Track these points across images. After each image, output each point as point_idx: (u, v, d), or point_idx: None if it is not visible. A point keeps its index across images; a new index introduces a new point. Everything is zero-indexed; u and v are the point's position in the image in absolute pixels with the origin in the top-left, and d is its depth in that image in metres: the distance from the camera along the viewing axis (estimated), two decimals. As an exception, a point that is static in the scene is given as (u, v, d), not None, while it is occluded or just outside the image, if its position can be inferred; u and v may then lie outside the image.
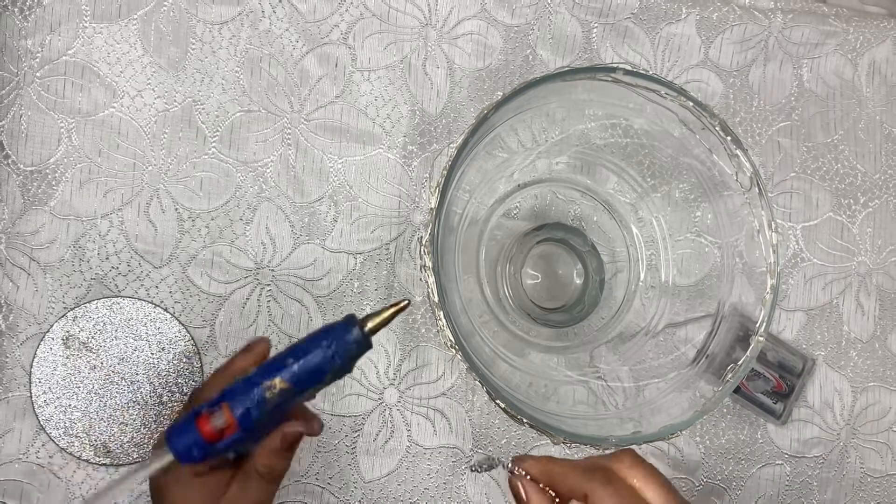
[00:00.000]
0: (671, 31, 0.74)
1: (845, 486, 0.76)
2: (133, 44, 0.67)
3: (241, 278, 0.68)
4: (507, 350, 0.66)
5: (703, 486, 0.74)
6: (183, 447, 0.48)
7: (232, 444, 0.49)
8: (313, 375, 0.48)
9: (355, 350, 0.49)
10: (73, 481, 0.66)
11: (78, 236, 0.66)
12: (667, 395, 0.62)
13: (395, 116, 0.70)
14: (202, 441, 0.48)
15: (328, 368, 0.48)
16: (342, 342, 0.48)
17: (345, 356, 0.49)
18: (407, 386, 0.70)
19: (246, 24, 0.68)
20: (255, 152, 0.68)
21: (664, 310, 0.67)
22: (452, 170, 0.54)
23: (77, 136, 0.66)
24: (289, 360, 0.48)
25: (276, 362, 0.49)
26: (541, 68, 0.72)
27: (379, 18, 0.70)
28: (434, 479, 0.70)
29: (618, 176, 0.69)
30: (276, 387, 0.48)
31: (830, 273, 0.76)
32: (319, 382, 0.49)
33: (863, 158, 0.77)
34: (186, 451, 0.48)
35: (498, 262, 0.71)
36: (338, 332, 0.49)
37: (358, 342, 0.49)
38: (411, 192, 0.70)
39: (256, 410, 0.48)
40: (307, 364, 0.48)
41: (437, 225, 0.53)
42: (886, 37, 0.77)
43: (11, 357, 0.65)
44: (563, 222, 0.72)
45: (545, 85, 0.55)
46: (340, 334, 0.49)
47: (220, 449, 0.49)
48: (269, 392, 0.48)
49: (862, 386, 0.76)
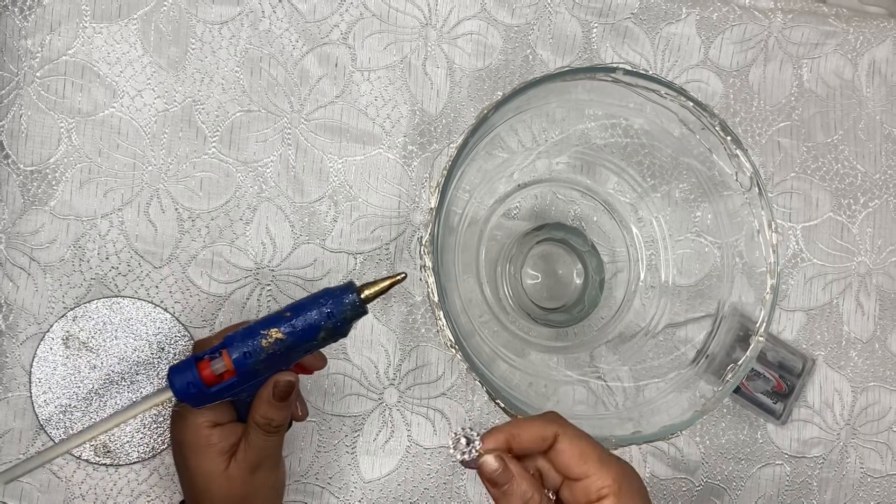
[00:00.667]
0: (671, 31, 0.74)
1: (845, 486, 0.76)
2: (133, 44, 0.67)
3: (241, 278, 0.68)
4: (507, 350, 0.66)
5: (703, 486, 0.74)
6: (181, 384, 0.52)
7: (227, 387, 0.53)
8: (308, 330, 0.52)
9: (350, 313, 0.53)
10: (73, 481, 0.66)
11: (78, 236, 0.66)
12: (667, 395, 0.62)
13: (395, 116, 0.70)
14: (199, 381, 0.52)
15: (322, 325, 0.52)
16: (339, 303, 0.52)
17: (339, 317, 0.52)
18: (407, 386, 0.70)
19: (246, 24, 0.68)
20: (255, 152, 0.68)
21: (664, 310, 0.67)
22: (452, 170, 0.54)
23: (77, 136, 0.66)
24: (287, 314, 0.52)
25: (275, 316, 0.53)
26: (541, 68, 0.72)
27: (379, 18, 0.70)
28: (434, 479, 0.70)
29: (618, 176, 0.69)
30: (272, 336, 0.52)
31: (830, 273, 0.76)
32: (313, 340, 0.53)
33: (863, 158, 0.77)
34: (184, 388, 0.52)
35: (498, 262, 0.71)
36: (336, 294, 0.53)
37: (353, 305, 0.53)
38: (411, 192, 0.70)
39: (251, 356, 0.52)
40: (304, 319, 0.52)
41: (436, 225, 0.53)
42: (886, 37, 0.77)
43: (11, 357, 0.65)
44: (563, 222, 0.72)
45: (545, 85, 0.55)
46: (338, 296, 0.53)
47: (216, 392, 0.53)
48: (265, 340, 0.52)
49: (862, 386, 0.76)
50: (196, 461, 0.56)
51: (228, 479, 0.55)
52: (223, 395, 0.53)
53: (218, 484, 0.55)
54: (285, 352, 0.53)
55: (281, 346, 0.52)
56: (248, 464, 0.56)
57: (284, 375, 0.54)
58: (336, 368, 0.69)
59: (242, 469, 0.56)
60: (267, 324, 0.52)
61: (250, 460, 0.56)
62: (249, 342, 0.52)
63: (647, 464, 0.73)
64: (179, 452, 0.57)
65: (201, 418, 0.55)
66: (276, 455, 0.58)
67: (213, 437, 0.55)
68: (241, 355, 0.52)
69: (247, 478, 0.56)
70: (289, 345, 0.52)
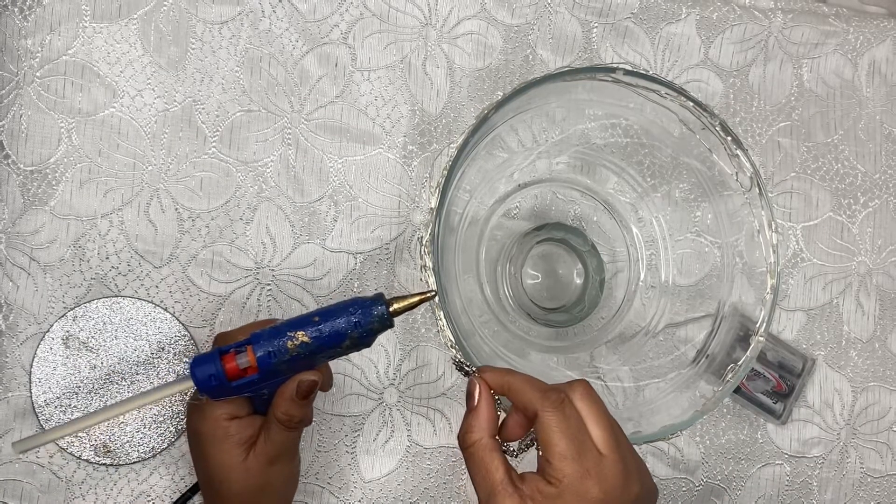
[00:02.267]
0: (671, 31, 0.74)
1: (845, 486, 0.76)
2: (133, 43, 0.67)
3: (241, 278, 0.68)
4: (507, 350, 0.66)
5: (703, 486, 0.74)
6: (203, 376, 0.52)
7: (248, 384, 0.53)
8: (334, 337, 0.52)
9: (377, 324, 0.53)
10: (73, 481, 0.65)
11: (78, 236, 0.66)
12: (667, 395, 0.62)
13: (395, 116, 0.70)
14: (222, 374, 0.52)
15: (348, 334, 0.52)
16: (367, 314, 0.52)
17: (366, 327, 0.52)
18: (407, 386, 0.70)
19: (246, 24, 0.68)
20: (255, 152, 0.68)
21: (664, 310, 0.67)
22: (453, 169, 0.54)
23: (77, 136, 0.66)
24: (315, 318, 0.52)
25: (303, 318, 0.53)
26: (541, 68, 0.72)
27: (379, 18, 0.70)
28: (434, 479, 0.70)
29: (618, 176, 0.69)
30: (298, 339, 0.52)
31: (830, 273, 0.76)
32: (338, 346, 0.53)
33: (863, 158, 0.77)
34: (206, 379, 0.52)
35: (498, 262, 0.71)
36: (366, 305, 0.53)
37: (381, 318, 0.53)
38: (411, 192, 0.70)
39: (275, 356, 0.52)
40: (331, 325, 0.52)
41: (437, 225, 0.53)
42: (886, 37, 0.77)
43: (11, 357, 0.65)
44: (564, 222, 0.72)
45: (546, 85, 0.55)
46: (368, 307, 0.53)
47: (236, 387, 0.53)
48: (290, 342, 0.52)
49: (862, 386, 0.76)
50: (214, 452, 0.56)
51: (246, 471, 0.56)
52: (242, 390, 0.54)
53: (236, 474, 0.56)
54: (309, 355, 0.53)
55: (305, 350, 0.52)
56: (266, 457, 0.56)
57: (308, 375, 0.54)
58: (336, 368, 0.69)
59: (261, 461, 0.56)
60: (294, 325, 0.52)
61: (269, 453, 0.56)
62: (275, 342, 0.52)
63: (647, 464, 0.73)
64: (197, 443, 0.57)
65: (219, 410, 0.56)
66: (293, 448, 0.59)
67: (231, 429, 0.56)
68: (266, 354, 0.52)
69: (264, 469, 0.56)
70: (313, 349, 0.52)
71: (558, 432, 0.47)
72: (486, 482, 0.48)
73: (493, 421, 0.50)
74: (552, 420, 0.48)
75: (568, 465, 0.47)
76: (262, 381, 0.53)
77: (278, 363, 0.52)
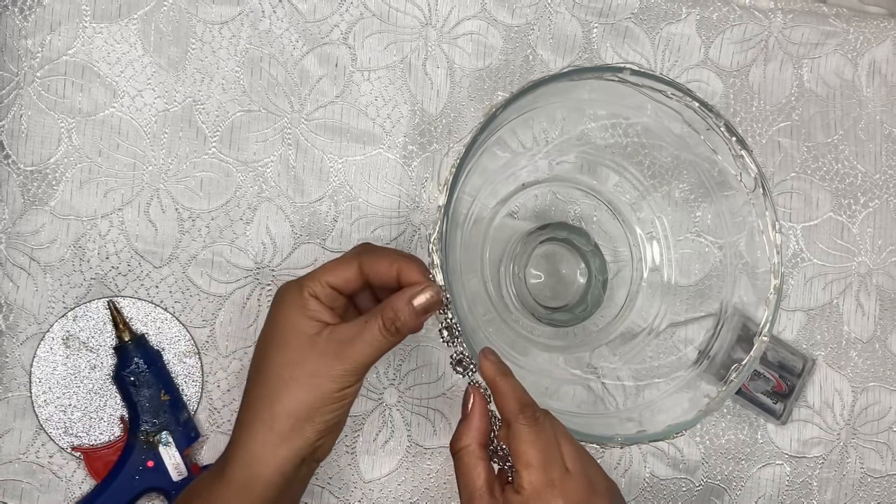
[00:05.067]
0: (671, 31, 0.74)
1: (845, 486, 0.76)
2: (133, 44, 0.67)
3: (241, 278, 0.68)
4: (510, 348, 0.67)
5: (703, 486, 0.74)
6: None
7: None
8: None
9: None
10: (73, 481, 0.65)
11: (78, 236, 0.66)
12: (668, 395, 0.62)
13: (395, 116, 0.70)
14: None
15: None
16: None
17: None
18: (407, 386, 0.70)
19: (246, 24, 0.68)
20: (255, 152, 0.68)
21: (666, 310, 0.67)
22: (461, 166, 0.53)
23: (77, 136, 0.66)
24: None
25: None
26: (541, 68, 0.72)
27: (379, 18, 0.70)
28: (434, 479, 0.70)
29: (619, 175, 0.69)
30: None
31: (830, 273, 0.76)
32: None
33: (863, 158, 0.77)
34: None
35: (501, 262, 0.71)
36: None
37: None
38: (411, 192, 0.70)
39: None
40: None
41: (445, 222, 0.52)
42: (886, 37, 0.77)
43: (11, 357, 0.65)
44: (567, 222, 0.72)
45: (554, 84, 0.55)
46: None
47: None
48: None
49: (862, 386, 0.76)
50: (284, 311, 0.54)
51: (312, 344, 0.53)
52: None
53: (297, 341, 0.53)
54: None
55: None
56: (337, 343, 0.53)
57: (436, 292, 0.52)
58: (337, 369, 0.68)
59: (330, 345, 0.53)
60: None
61: (341, 340, 0.53)
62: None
63: (647, 464, 0.73)
64: (271, 313, 0.55)
65: (315, 288, 0.54)
66: (363, 366, 0.54)
67: (311, 304, 0.53)
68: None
69: (330, 362, 0.53)
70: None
71: (527, 442, 0.49)
72: (468, 487, 0.51)
73: (484, 430, 0.52)
74: (523, 430, 0.50)
75: (534, 474, 0.49)
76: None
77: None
